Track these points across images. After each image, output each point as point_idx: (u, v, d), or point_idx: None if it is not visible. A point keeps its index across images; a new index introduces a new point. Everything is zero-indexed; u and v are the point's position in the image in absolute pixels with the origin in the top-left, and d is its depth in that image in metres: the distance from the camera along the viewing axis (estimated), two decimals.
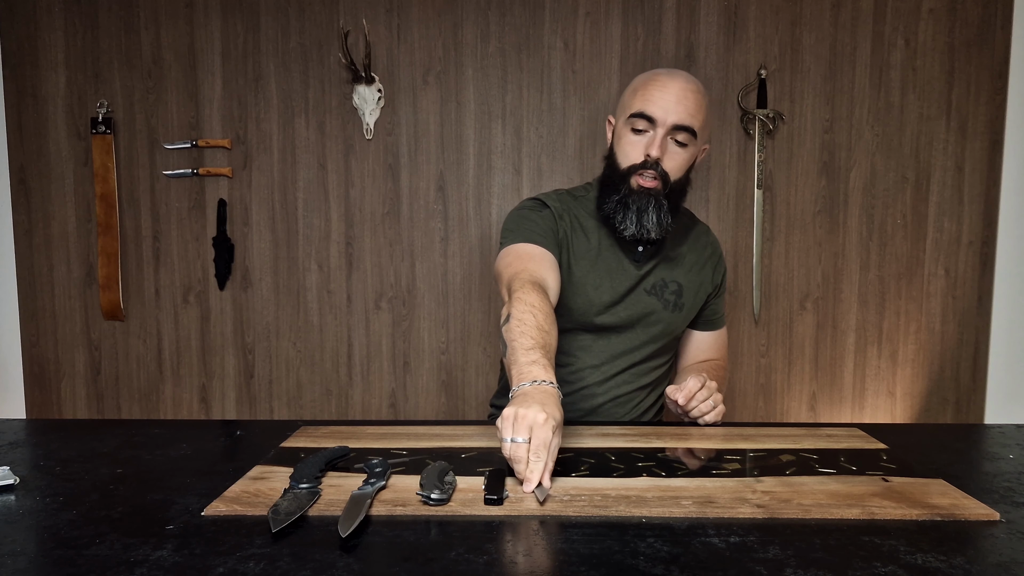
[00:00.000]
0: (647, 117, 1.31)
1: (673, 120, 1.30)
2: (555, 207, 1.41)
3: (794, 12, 2.16)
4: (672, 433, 1.23)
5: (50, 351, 2.33)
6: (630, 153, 1.34)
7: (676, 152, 1.33)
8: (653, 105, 1.30)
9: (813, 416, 2.27)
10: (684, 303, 1.45)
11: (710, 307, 1.53)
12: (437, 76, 2.22)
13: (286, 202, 2.27)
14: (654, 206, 1.32)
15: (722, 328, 1.58)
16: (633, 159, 1.33)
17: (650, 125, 1.31)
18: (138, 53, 2.23)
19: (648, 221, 1.33)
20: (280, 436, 1.20)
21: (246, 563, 0.74)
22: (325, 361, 2.30)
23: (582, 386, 1.43)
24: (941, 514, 0.86)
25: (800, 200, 2.21)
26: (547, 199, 1.43)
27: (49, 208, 2.28)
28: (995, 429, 1.31)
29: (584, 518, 0.86)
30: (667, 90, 1.31)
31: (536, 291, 1.19)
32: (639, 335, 1.43)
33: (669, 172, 1.33)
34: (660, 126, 1.30)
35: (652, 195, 1.32)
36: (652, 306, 1.42)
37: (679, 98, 1.30)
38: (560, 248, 1.37)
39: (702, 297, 1.49)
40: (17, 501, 0.93)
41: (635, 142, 1.33)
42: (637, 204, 1.33)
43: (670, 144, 1.32)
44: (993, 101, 2.16)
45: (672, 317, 1.44)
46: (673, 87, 1.31)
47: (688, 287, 1.46)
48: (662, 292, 1.43)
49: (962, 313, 2.23)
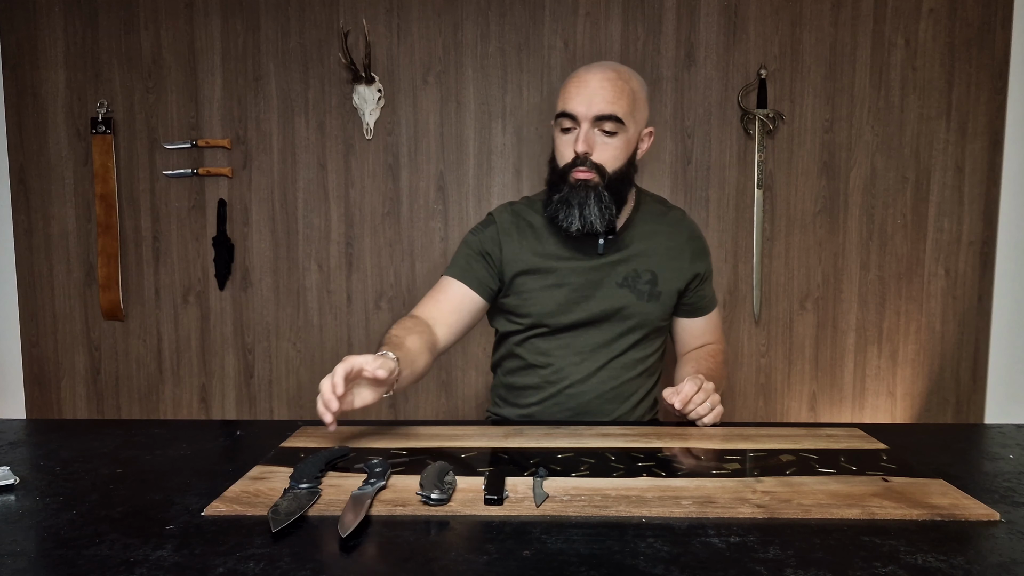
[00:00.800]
0: (569, 115, 1.34)
1: (594, 112, 1.32)
2: (503, 220, 1.46)
3: (794, 12, 2.16)
4: (672, 433, 1.23)
5: (50, 351, 2.33)
6: (564, 152, 1.37)
7: (606, 143, 1.35)
8: (572, 102, 1.34)
9: (813, 416, 2.27)
10: (660, 292, 1.44)
11: (695, 293, 1.50)
12: (437, 76, 2.22)
13: (286, 202, 2.27)
14: (594, 197, 1.34)
15: (713, 311, 1.56)
16: (567, 158, 1.37)
17: (575, 122, 1.35)
18: (138, 53, 2.23)
19: (590, 213, 1.35)
20: (280, 436, 1.20)
21: (246, 563, 0.74)
22: (325, 361, 2.30)
23: (566, 385, 1.43)
24: (941, 514, 0.87)
25: (800, 200, 2.21)
26: (498, 213, 1.49)
27: (49, 208, 2.28)
28: (995, 429, 1.31)
29: (584, 518, 0.86)
30: (584, 85, 1.34)
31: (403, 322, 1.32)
32: (615, 328, 1.43)
33: (603, 163, 1.35)
34: (583, 120, 1.33)
35: (591, 187, 1.35)
36: (625, 298, 1.42)
37: (596, 90, 1.32)
38: (499, 264, 1.43)
39: (681, 283, 1.47)
40: (17, 501, 0.93)
41: (565, 141, 1.37)
42: (577, 198, 1.35)
43: (598, 136, 1.35)
44: (993, 101, 2.16)
45: (648, 307, 1.43)
46: (590, 80, 1.34)
47: (663, 275, 1.45)
48: (635, 283, 1.43)
49: (962, 313, 2.23)
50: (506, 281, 1.44)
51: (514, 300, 1.44)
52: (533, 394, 1.46)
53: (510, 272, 1.43)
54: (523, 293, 1.43)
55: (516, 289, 1.43)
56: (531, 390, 1.46)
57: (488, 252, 1.44)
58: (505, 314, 1.48)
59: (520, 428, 1.27)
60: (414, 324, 1.32)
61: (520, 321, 1.45)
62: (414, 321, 1.34)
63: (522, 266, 1.42)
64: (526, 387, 1.47)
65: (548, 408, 1.45)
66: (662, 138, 2.20)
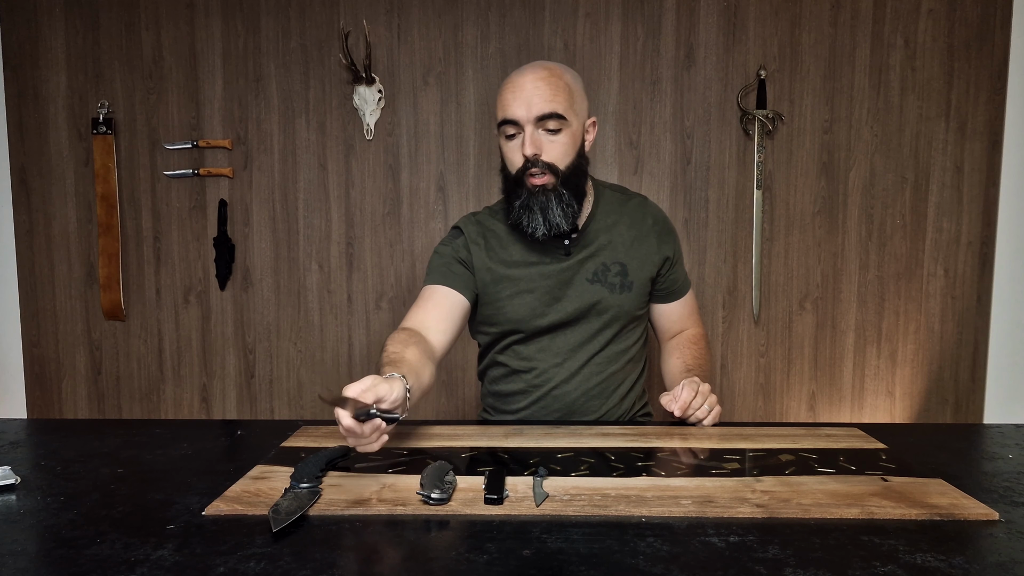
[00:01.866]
0: (510, 121, 1.34)
1: (534, 114, 1.31)
2: (469, 231, 1.46)
3: (793, 13, 2.16)
4: (672, 433, 1.23)
5: (51, 351, 2.33)
6: (513, 159, 1.37)
7: (552, 141, 1.34)
8: (510, 108, 1.33)
9: (812, 416, 2.27)
10: (631, 281, 1.44)
11: (667, 278, 1.50)
12: (437, 76, 2.22)
13: (287, 202, 2.27)
14: (555, 199, 1.35)
15: (687, 294, 1.56)
16: (517, 163, 1.36)
17: (517, 128, 1.34)
18: (139, 54, 2.23)
19: (554, 216, 1.35)
20: (281, 436, 1.21)
21: (247, 562, 0.75)
22: (326, 361, 2.31)
23: (551, 387, 1.44)
24: (940, 514, 0.87)
25: (799, 200, 2.22)
26: (464, 224, 1.48)
27: (50, 208, 2.28)
28: (994, 429, 1.32)
29: (584, 518, 0.86)
30: (519, 89, 1.33)
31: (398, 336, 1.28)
32: (592, 324, 1.43)
33: (554, 161, 1.34)
34: (525, 124, 1.32)
35: (549, 190, 1.34)
36: (598, 293, 1.42)
37: (532, 91, 1.32)
38: (479, 270, 1.43)
39: (651, 270, 1.47)
40: (18, 501, 0.93)
41: (512, 147, 1.36)
42: (539, 204, 1.35)
43: (543, 136, 1.34)
44: (992, 101, 2.16)
45: (622, 299, 1.44)
46: (523, 84, 1.33)
47: (632, 264, 1.45)
48: (605, 276, 1.43)
49: (961, 313, 2.23)
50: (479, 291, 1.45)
51: (487, 310, 1.45)
52: (520, 399, 1.47)
53: (481, 282, 1.44)
54: (495, 303, 1.44)
55: (488, 299, 1.44)
56: (518, 395, 1.47)
57: (463, 259, 1.44)
58: (481, 325, 1.50)
59: (520, 428, 1.27)
60: (408, 336, 1.29)
61: (496, 330, 1.47)
62: (407, 333, 1.30)
63: (491, 276, 1.43)
64: (513, 393, 1.48)
65: (537, 412, 1.45)
66: (662, 139, 2.21)
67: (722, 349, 2.26)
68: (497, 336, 1.47)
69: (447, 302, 1.41)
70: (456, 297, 1.41)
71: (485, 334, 1.50)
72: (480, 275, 1.43)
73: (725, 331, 2.25)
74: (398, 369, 1.13)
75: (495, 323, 1.46)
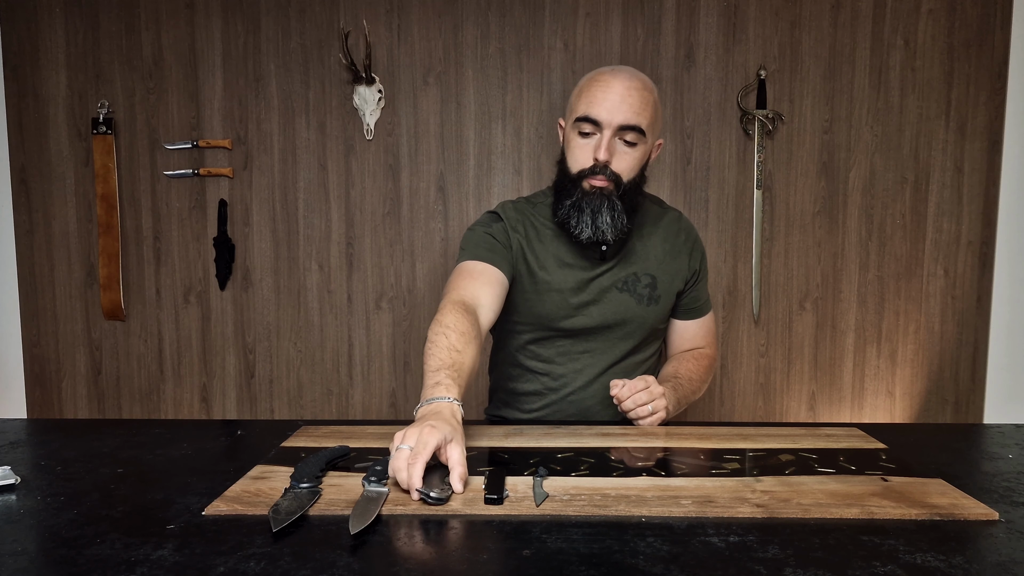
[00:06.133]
0: (592, 120, 1.29)
1: (619, 121, 1.28)
2: (510, 217, 1.41)
3: (793, 13, 2.16)
4: (672, 433, 1.23)
5: (51, 351, 2.33)
6: (579, 157, 1.33)
7: (625, 152, 1.31)
8: (597, 107, 1.28)
9: (812, 416, 2.27)
10: (659, 295, 1.42)
11: (690, 295, 1.49)
12: (437, 76, 2.22)
13: (287, 202, 2.27)
14: (607, 206, 1.31)
15: (707, 315, 1.54)
16: (583, 163, 1.32)
17: (596, 128, 1.30)
18: (139, 53, 2.23)
19: (603, 223, 1.32)
20: (281, 436, 1.21)
21: (247, 562, 0.75)
22: (326, 361, 2.31)
23: (568, 392, 1.43)
24: (940, 514, 0.87)
25: (799, 200, 2.22)
26: (503, 210, 1.43)
27: (50, 208, 2.28)
28: (994, 429, 1.32)
29: (584, 518, 0.86)
30: (610, 90, 1.28)
31: (456, 311, 1.19)
32: (616, 333, 1.42)
33: (620, 173, 1.31)
34: (606, 128, 1.28)
35: (605, 195, 1.31)
36: (626, 303, 1.40)
37: (623, 97, 1.28)
38: (516, 258, 1.38)
39: (680, 284, 1.46)
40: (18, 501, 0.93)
41: (583, 146, 1.32)
42: (591, 206, 1.31)
43: (618, 145, 1.31)
44: (992, 101, 2.16)
45: (648, 312, 1.42)
46: (616, 86, 1.28)
47: (662, 278, 1.43)
48: (635, 287, 1.41)
49: (961, 313, 2.23)
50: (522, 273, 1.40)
51: (515, 299, 1.41)
52: (535, 400, 1.46)
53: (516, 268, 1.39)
54: (524, 294, 1.40)
55: (518, 289, 1.40)
56: (533, 396, 1.46)
57: (503, 241, 1.38)
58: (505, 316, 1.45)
59: (520, 428, 1.27)
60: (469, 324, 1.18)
61: (518, 323, 1.44)
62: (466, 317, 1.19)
63: (526, 267, 1.39)
64: (528, 393, 1.47)
65: (550, 415, 1.45)
66: (662, 138, 2.20)
67: (722, 349, 2.26)
68: (518, 329, 1.44)
69: (495, 279, 1.32)
70: (500, 276, 1.33)
71: (508, 326, 1.45)
72: (517, 263, 1.38)
73: (725, 331, 2.25)
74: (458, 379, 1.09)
75: (519, 315, 1.42)
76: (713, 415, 2.28)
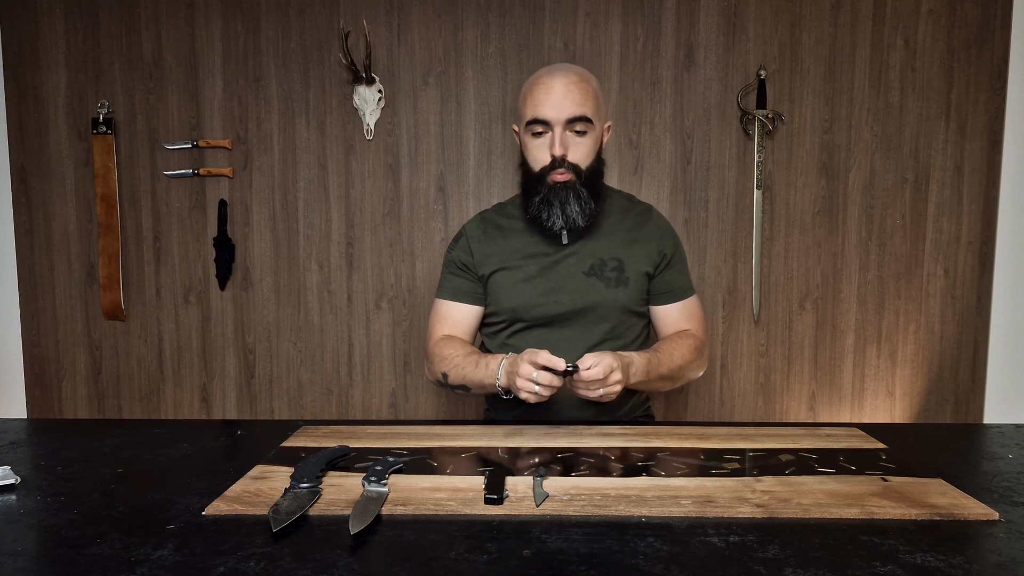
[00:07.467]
0: (541, 121, 1.40)
1: (565, 116, 1.39)
2: (470, 230, 1.56)
3: (793, 13, 2.16)
4: (672, 433, 1.23)
5: (51, 351, 2.33)
6: (538, 156, 1.44)
7: (578, 142, 1.42)
8: (543, 108, 1.40)
9: (812, 416, 2.28)
10: (628, 277, 1.48)
11: (662, 278, 1.53)
12: (437, 76, 2.22)
13: (287, 202, 2.27)
14: (574, 196, 1.42)
15: (688, 299, 1.56)
16: (542, 161, 1.43)
17: (546, 127, 1.41)
18: (139, 53, 2.23)
19: (572, 211, 1.42)
20: (281, 436, 1.21)
21: (247, 562, 0.75)
22: (326, 361, 2.31)
23: None
24: (940, 514, 0.87)
25: (799, 200, 2.22)
26: (468, 226, 1.58)
27: (50, 208, 2.28)
28: (994, 429, 1.32)
29: (584, 517, 0.86)
30: (552, 90, 1.40)
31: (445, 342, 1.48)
32: (588, 318, 1.47)
33: (578, 162, 1.42)
34: (556, 125, 1.40)
35: (569, 187, 1.42)
36: (594, 287, 1.46)
37: (564, 94, 1.39)
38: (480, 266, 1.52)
39: (649, 266, 1.50)
40: (18, 501, 0.93)
41: (539, 145, 1.43)
42: (558, 198, 1.42)
43: (570, 137, 1.42)
44: (992, 101, 2.16)
45: (617, 294, 1.47)
46: (556, 85, 1.40)
47: (629, 261, 1.49)
48: (602, 271, 1.48)
49: (961, 313, 2.23)
50: (483, 282, 1.52)
51: (490, 299, 1.51)
52: None
53: (484, 272, 1.51)
54: (496, 291, 1.49)
55: (490, 288, 1.51)
56: None
57: (464, 264, 1.53)
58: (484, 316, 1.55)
59: (520, 428, 1.27)
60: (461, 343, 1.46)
61: (499, 322, 1.51)
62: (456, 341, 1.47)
63: (493, 265, 1.50)
64: None
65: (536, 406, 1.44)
66: (662, 139, 2.21)
67: (722, 349, 2.26)
68: (497, 326, 1.52)
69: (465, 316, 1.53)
70: (469, 311, 1.53)
71: (487, 325, 1.55)
72: (482, 267, 1.51)
73: (725, 331, 2.25)
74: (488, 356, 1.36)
75: (496, 312, 1.50)
76: (713, 415, 2.28)
